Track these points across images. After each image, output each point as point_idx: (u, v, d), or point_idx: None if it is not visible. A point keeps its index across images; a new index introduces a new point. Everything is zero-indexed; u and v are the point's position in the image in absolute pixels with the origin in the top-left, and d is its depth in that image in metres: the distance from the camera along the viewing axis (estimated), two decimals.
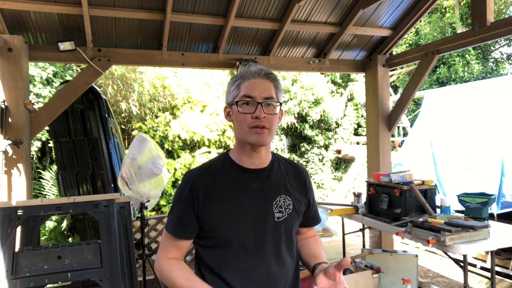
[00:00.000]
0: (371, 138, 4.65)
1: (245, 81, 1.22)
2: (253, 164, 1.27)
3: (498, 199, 4.79)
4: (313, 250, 1.37)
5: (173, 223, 1.23)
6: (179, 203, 1.24)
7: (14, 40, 3.20)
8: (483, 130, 5.38)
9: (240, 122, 1.21)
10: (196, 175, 1.26)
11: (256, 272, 1.21)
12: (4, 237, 2.39)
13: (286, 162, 1.38)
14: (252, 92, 1.20)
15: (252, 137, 1.19)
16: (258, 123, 1.18)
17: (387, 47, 4.53)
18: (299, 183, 1.36)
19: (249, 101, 1.20)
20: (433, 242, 2.44)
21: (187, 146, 9.60)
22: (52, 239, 6.20)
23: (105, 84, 8.36)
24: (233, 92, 1.24)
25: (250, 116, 1.19)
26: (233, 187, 1.23)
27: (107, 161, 4.55)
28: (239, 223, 1.21)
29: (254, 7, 3.76)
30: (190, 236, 1.24)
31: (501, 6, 13.76)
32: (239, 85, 1.23)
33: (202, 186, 1.22)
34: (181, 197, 1.24)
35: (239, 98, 1.21)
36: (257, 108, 1.18)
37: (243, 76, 1.24)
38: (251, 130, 1.19)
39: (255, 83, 1.21)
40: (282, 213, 1.27)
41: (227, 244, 1.21)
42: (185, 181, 1.25)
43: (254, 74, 1.23)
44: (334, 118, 13.03)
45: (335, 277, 1.13)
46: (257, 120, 1.18)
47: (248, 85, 1.21)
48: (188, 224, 1.22)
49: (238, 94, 1.22)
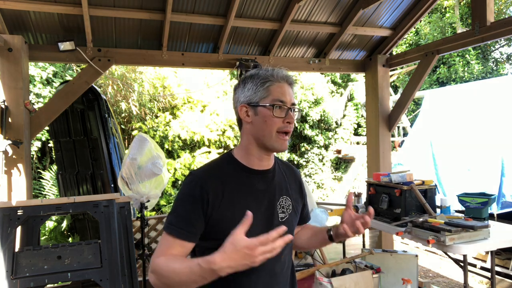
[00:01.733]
0: (371, 138, 4.65)
1: (274, 84, 1.21)
2: (260, 166, 1.27)
3: (498, 199, 4.79)
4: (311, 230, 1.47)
5: (179, 225, 1.16)
6: (185, 203, 1.18)
7: (14, 40, 3.20)
8: (483, 130, 5.38)
9: (270, 125, 1.20)
10: (205, 176, 1.22)
11: (260, 272, 1.22)
12: (4, 237, 2.39)
13: (283, 164, 1.40)
14: (284, 97, 1.20)
15: (278, 143, 1.21)
16: (288, 129, 1.20)
17: (387, 47, 4.52)
18: (296, 183, 1.39)
19: (281, 105, 1.20)
20: (433, 242, 2.44)
21: (187, 146, 9.61)
22: (52, 239, 6.20)
23: (105, 84, 8.36)
24: (260, 93, 1.21)
25: (282, 121, 1.20)
26: (241, 189, 1.23)
27: (107, 161, 4.55)
28: None
29: (254, 7, 3.76)
30: (195, 239, 1.19)
31: (501, 6, 13.76)
32: (268, 88, 1.21)
33: (212, 188, 1.18)
34: (188, 197, 1.18)
35: (272, 101, 1.19)
36: (287, 113, 1.20)
37: (273, 79, 1.22)
38: (278, 135, 1.20)
39: (285, 88, 1.22)
40: (285, 213, 1.29)
41: None
42: (193, 181, 1.20)
43: (284, 78, 1.22)
44: (334, 118, 13.03)
45: (351, 216, 1.25)
46: (288, 125, 1.20)
47: (279, 89, 1.21)
48: (196, 225, 1.17)
49: (268, 97, 1.20)
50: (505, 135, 5.08)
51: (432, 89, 10.49)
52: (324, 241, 1.37)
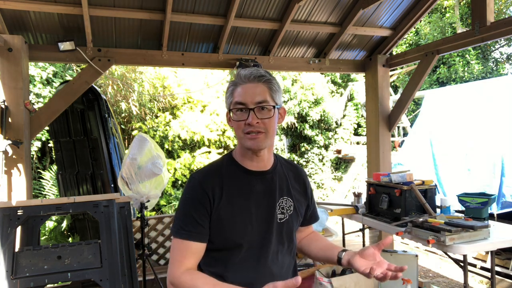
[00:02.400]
0: (371, 138, 4.65)
1: (237, 87, 1.21)
2: (256, 167, 1.27)
3: (498, 199, 4.79)
4: (324, 242, 1.41)
5: (189, 228, 1.17)
6: (191, 206, 1.19)
7: (14, 40, 3.20)
8: (483, 130, 5.38)
9: (236, 128, 1.22)
10: (205, 178, 1.23)
11: (260, 272, 1.22)
12: (4, 237, 2.39)
13: (287, 163, 1.40)
14: (244, 99, 1.18)
15: (248, 142, 1.19)
16: (251, 129, 1.18)
17: (387, 47, 4.52)
18: (299, 184, 1.38)
19: (241, 107, 1.19)
20: (433, 242, 2.44)
21: (187, 146, 9.61)
22: (52, 239, 6.20)
23: (105, 84, 8.36)
24: (228, 98, 1.24)
25: (243, 123, 1.18)
26: (240, 190, 1.23)
27: (107, 161, 4.55)
28: (247, 226, 1.21)
29: (254, 7, 3.75)
30: (206, 239, 1.19)
31: (501, 6, 13.76)
32: (232, 92, 1.22)
33: (212, 188, 1.20)
34: (193, 200, 1.19)
35: (232, 106, 1.21)
36: (249, 115, 1.17)
37: (235, 82, 1.23)
38: (245, 136, 1.19)
39: (247, 88, 1.20)
40: (284, 214, 1.29)
41: (236, 246, 1.21)
42: (195, 182, 1.22)
43: (245, 78, 1.21)
44: (334, 118, 13.03)
45: (375, 257, 1.16)
46: (250, 127, 1.18)
47: (240, 91, 1.20)
48: (204, 226, 1.18)
49: (232, 101, 1.21)
50: (505, 135, 5.08)
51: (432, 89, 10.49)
52: (331, 260, 1.32)
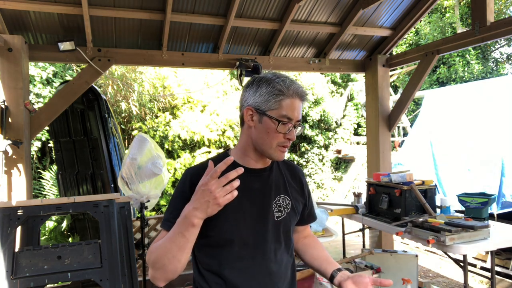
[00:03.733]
0: (371, 138, 4.65)
1: (287, 99, 1.19)
2: (255, 165, 1.28)
3: (498, 199, 4.79)
4: (321, 253, 1.40)
5: (172, 220, 1.18)
6: (178, 200, 1.20)
7: (14, 40, 3.20)
8: (483, 130, 5.38)
9: (271, 138, 1.20)
10: (196, 172, 1.23)
11: (256, 270, 1.22)
12: (4, 237, 2.39)
13: (284, 162, 1.40)
14: (292, 114, 1.20)
15: (276, 153, 1.23)
16: (287, 144, 1.22)
17: (387, 47, 4.52)
18: (296, 182, 1.38)
19: (287, 122, 1.20)
20: (433, 242, 2.44)
21: (187, 146, 9.60)
22: (52, 239, 6.20)
23: (105, 84, 8.36)
24: (271, 104, 1.20)
25: (283, 136, 1.20)
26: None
27: (107, 161, 4.55)
28: (240, 223, 1.21)
29: (254, 7, 3.76)
30: None
31: (501, 6, 13.76)
32: (280, 102, 1.19)
33: None
34: (180, 194, 1.21)
35: (280, 117, 1.18)
36: (291, 131, 1.21)
37: (287, 93, 1.20)
38: (278, 148, 1.22)
39: (295, 104, 1.21)
40: (281, 212, 1.28)
41: (228, 243, 1.21)
42: (185, 178, 1.23)
43: (298, 94, 1.21)
44: (334, 118, 13.03)
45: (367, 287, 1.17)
46: (288, 142, 1.22)
47: (290, 105, 1.19)
48: None
49: (277, 110, 1.19)
50: (505, 135, 5.08)
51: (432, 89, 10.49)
52: (324, 274, 1.34)
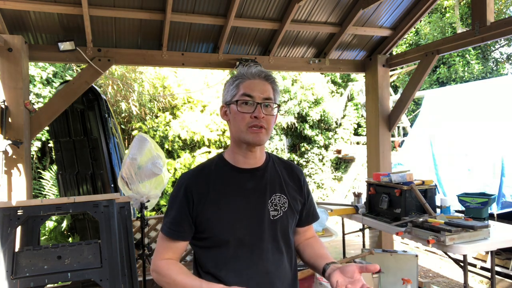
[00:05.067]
0: (371, 138, 4.65)
1: (244, 81, 1.23)
2: (247, 164, 1.28)
3: (498, 199, 4.79)
4: (318, 251, 1.38)
5: (169, 225, 1.24)
6: (174, 205, 1.25)
7: (14, 40, 3.20)
8: (483, 130, 5.37)
9: (239, 121, 1.21)
10: (190, 177, 1.27)
11: (253, 270, 1.22)
12: (4, 237, 2.39)
13: (281, 162, 1.39)
14: (252, 92, 1.21)
15: (249, 136, 1.21)
16: (256, 123, 1.20)
17: (387, 47, 4.52)
18: (294, 181, 1.37)
19: (248, 100, 1.21)
20: (433, 242, 2.44)
21: (187, 146, 9.60)
22: (52, 239, 6.20)
23: (105, 84, 8.36)
24: (232, 91, 1.25)
25: (249, 116, 1.20)
26: (227, 188, 1.24)
27: (107, 161, 4.55)
28: (235, 223, 1.22)
29: (254, 7, 3.75)
30: (185, 237, 1.25)
31: (501, 6, 13.76)
32: (238, 85, 1.23)
33: (197, 187, 1.23)
34: (175, 199, 1.25)
35: (239, 97, 1.22)
36: (256, 108, 1.20)
37: (243, 76, 1.24)
38: (248, 129, 1.20)
39: (255, 84, 1.23)
40: (278, 211, 1.28)
41: (224, 244, 1.21)
42: (180, 183, 1.26)
43: (254, 75, 1.24)
44: (334, 118, 13.02)
45: (353, 275, 1.12)
46: (256, 120, 1.20)
47: (248, 85, 1.22)
48: (183, 225, 1.23)
49: (237, 93, 1.23)
50: (505, 135, 5.08)
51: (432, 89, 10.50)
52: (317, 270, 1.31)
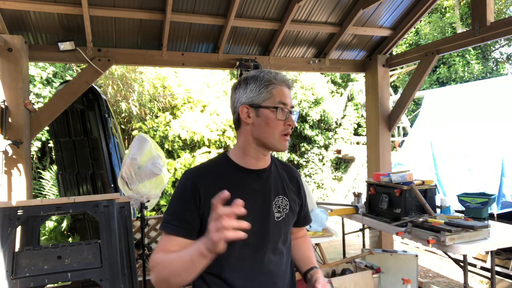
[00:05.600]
0: (371, 138, 4.65)
1: (277, 86, 1.23)
2: (256, 166, 1.28)
3: (498, 199, 4.79)
4: (303, 252, 1.43)
5: (174, 222, 1.18)
6: (179, 201, 1.20)
7: (14, 40, 3.20)
8: (483, 130, 5.37)
9: (273, 127, 1.22)
10: (196, 173, 1.24)
11: (256, 270, 1.22)
12: (4, 237, 2.39)
13: (282, 164, 1.41)
14: (286, 100, 1.23)
15: (281, 143, 1.24)
16: (289, 131, 1.24)
17: (387, 47, 4.52)
18: (293, 183, 1.39)
19: (283, 108, 1.22)
20: (433, 242, 2.44)
21: (187, 146, 9.60)
22: (52, 239, 6.20)
23: (105, 84, 8.36)
24: (264, 95, 1.22)
25: (283, 123, 1.22)
26: (234, 188, 1.22)
27: (107, 161, 4.55)
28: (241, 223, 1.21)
29: (254, 7, 3.76)
30: (192, 235, 1.18)
31: (501, 6, 13.76)
32: (271, 91, 1.22)
33: (203, 184, 1.20)
34: (181, 195, 1.20)
35: (276, 104, 1.21)
36: (288, 116, 1.23)
37: (275, 81, 1.23)
38: (281, 137, 1.23)
39: (286, 91, 1.24)
40: (281, 213, 1.29)
41: (230, 245, 1.20)
42: (186, 179, 1.22)
43: (283, 81, 1.25)
44: (334, 118, 13.02)
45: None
46: (289, 128, 1.23)
47: (281, 92, 1.23)
48: (191, 222, 1.18)
49: (271, 99, 1.22)
50: (505, 135, 5.08)
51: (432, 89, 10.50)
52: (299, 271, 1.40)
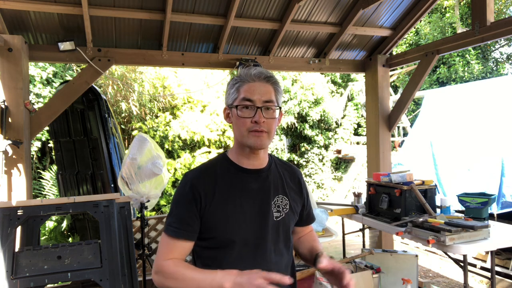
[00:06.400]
0: (371, 138, 4.65)
1: (244, 84, 1.22)
2: (252, 165, 1.28)
3: (498, 199, 4.79)
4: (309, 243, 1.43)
5: (176, 225, 1.19)
6: (180, 204, 1.22)
7: (14, 40, 3.20)
8: (483, 130, 5.37)
9: (240, 125, 1.21)
10: (196, 175, 1.25)
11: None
12: (4, 237, 2.39)
13: (282, 163, 1.40)
14: (252, 96, 1.19)
15: (251, 140, 1.20)
16: (257, 128, 1.19)
17: (387, 47, 4.52)
18: (295, 183, 1.39)
19: (248, 105, 1.19)
20: (433, 242, 2.44)
21: (187, 146, 9.60)
22: (52, 239, 6.21)
23: (105, 84, 8.36)
24: (232, 94, 1.23)
25: (250, 121, 1.19)
26: (233, 188, 1.24)
27: (107, 161, 4.55)
28: (240, 223, 1.21)
29: (254, 7, 3.75)
30: (193, 237, 1.21)
31: (501, 6, 13.76)
32: (238, 88, 1.22)
33: (203, 186, 1.21)
34: (182, 198, 1.21)
35: (239, 102, 1.20)
36: (256, 113, 1.19)
37: (243, 79, 1.22)
38: (249, 133, 1.20)
39: (255, 87, 1.21)
40: (280, 212, 1.29)
41: (229, 244, 1.21)
42: (185, 181, 1.23)
43: (254, 77, 1.22)
44: (334, 118, 13.02)
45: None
46: (256, 125, 1.19)
47: (248, 88, 1.20)
48: (192, 224, 1.19)
49: (238, 97, 1.21)
50: (505, 135, 5.08)
51: (432, 89, 10.50)
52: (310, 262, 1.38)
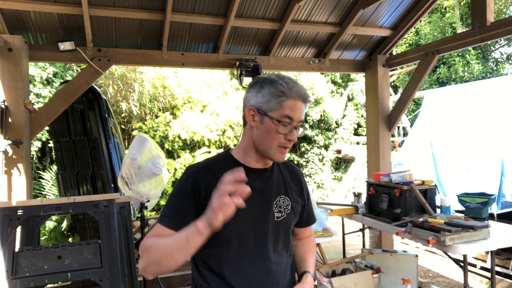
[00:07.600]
0: (371, 138, 4.65)
1: (289, 100, 1.20)
2: (256, 165, 1.29)
3: (498, 199, 4.79)
4: (302, 254, 1.43)
5: (170, 215, 1.18)
6: (178, 195, 1.21)
7: (14, 40, 3.20)
8: (483, 130, 5.38)
9: (271, 138, 1.21)
10: (198, 169, 1.24)
11: (255, 270, 1.22)
12: (4, 237, 2.39)
13: (283, 163, 1.40)
14: (293, 115, 1.20)
15: (278, 155, 1.23)
16: (288, 145, 1.22)
17: (387, 47, 4.52)
18: (296, 183, 1.39)
19: (288, 123, 1.20)
20: (433, 242, 2.44)
21: (187, 146, 9.60)
22: (52, 239, 6.21)
23: (105, 84, 8.36)
24: (272, 104, 1.20)
25: (284, 137, 1.21)
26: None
27: (107, 161, 4.55)
28: (240, 222, 1.20)
29: (254, 7, 3.75)
30: None
31: (501, 6, 13.76)
32: (282, 103, 1.20)
33: (204, 180, 1.20)
34: (182, 189, 1.21)
35: (279, 117, 1.19)
36: (292, 132, 1.21)
37: (288, 94, 1.20)
38: (278, 148, 1.22)
39: (297, 106, 1.21)
40: (281, 213, 1.29)
41: (226, 242, 1.21)
42: (187, 174, 1.23)
43: (297, 95, 1.21)
44: (334, 118, 13.02)
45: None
46: (289, 142, 1.22)
47: (292, 106, 1.20)
48: (187, 216, 1.17)
49: (279, 111, 1.20)
50: (505, 135, 5.08)
51: (432, 89, 10.50)
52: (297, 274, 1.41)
